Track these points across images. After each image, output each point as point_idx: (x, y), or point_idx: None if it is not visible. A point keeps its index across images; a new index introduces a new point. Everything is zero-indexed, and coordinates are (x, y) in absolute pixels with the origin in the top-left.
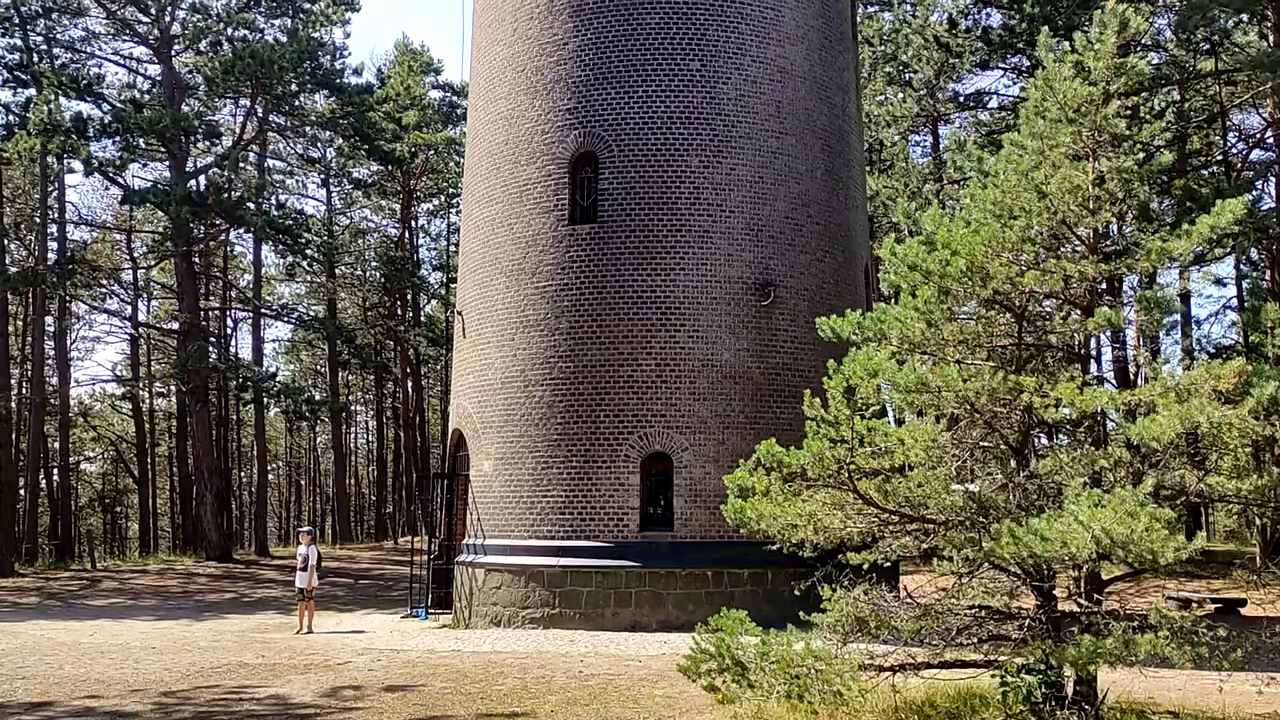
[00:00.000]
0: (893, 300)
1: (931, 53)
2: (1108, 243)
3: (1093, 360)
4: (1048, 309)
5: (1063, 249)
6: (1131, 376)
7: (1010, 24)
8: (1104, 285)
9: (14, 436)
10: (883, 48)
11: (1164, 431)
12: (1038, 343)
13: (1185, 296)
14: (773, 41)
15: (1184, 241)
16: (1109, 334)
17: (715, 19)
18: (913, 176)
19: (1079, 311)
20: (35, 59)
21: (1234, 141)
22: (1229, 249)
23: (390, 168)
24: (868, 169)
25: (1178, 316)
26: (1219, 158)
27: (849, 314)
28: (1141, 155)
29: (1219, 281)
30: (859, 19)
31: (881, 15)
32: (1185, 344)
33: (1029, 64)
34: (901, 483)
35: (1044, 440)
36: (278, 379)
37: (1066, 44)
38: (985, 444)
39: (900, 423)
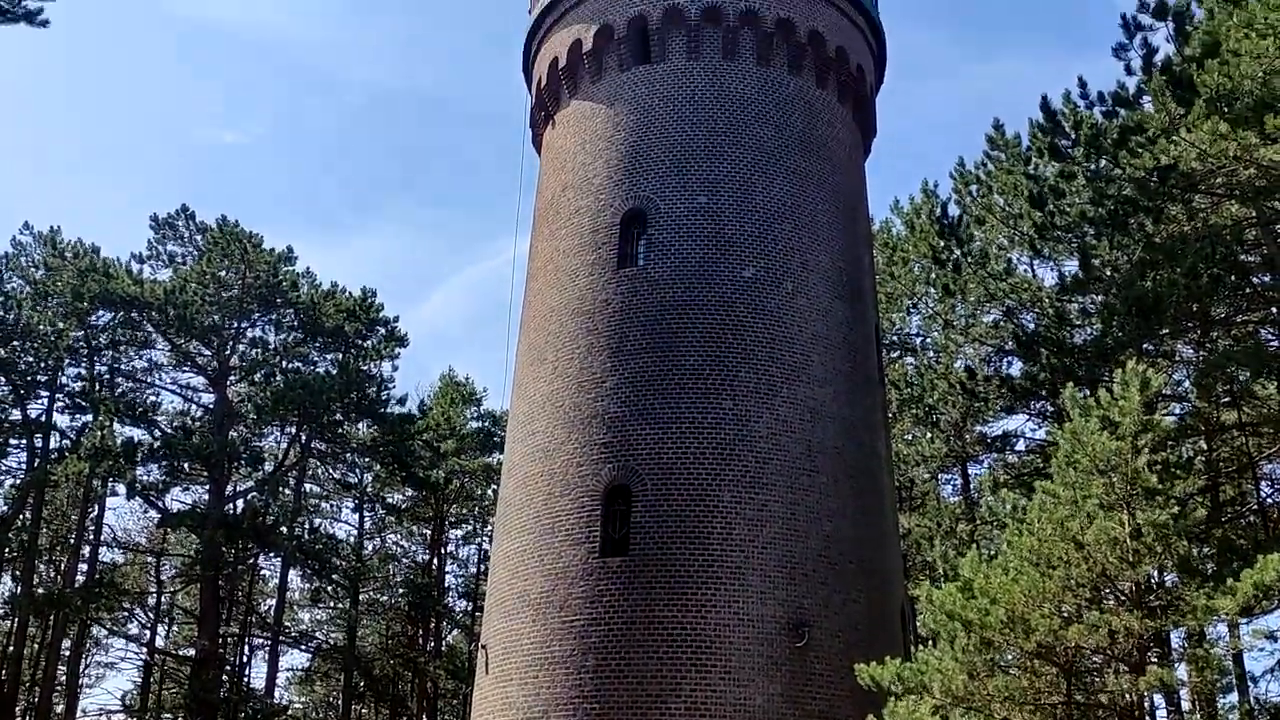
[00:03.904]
0: (931, 643)
1: (956, 397)
2: (1151, 597)
3: (1148, 718)
4: (1096, 663)
5: (1105, 600)
6: None
7: (1031, 373)
8: (1151, 636)
9: None
10: (909, 390)
11: None
12: (1088, 701)
13: (1238, 656)
14: (802, 383)
15: (1230, 600)
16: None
17: (747, 362)
18: (945, 515)
19: (1128, 668)
20: (97, 387)
21: (1268, 492)
22: (1276, 604)
23: (424, 493)
24: (899, 507)
25: (1233, 677)
26: (1254, 506)
27: (888, 662)
28: (1176, 508)
29: (1271, 636)
30: (884, 363)
31: (905, 361)
32: (1243, 706)
33: (1053, 409)
34: None
35: None
36: (289, 713)
37: (1090, 397)
38: None
39: None
